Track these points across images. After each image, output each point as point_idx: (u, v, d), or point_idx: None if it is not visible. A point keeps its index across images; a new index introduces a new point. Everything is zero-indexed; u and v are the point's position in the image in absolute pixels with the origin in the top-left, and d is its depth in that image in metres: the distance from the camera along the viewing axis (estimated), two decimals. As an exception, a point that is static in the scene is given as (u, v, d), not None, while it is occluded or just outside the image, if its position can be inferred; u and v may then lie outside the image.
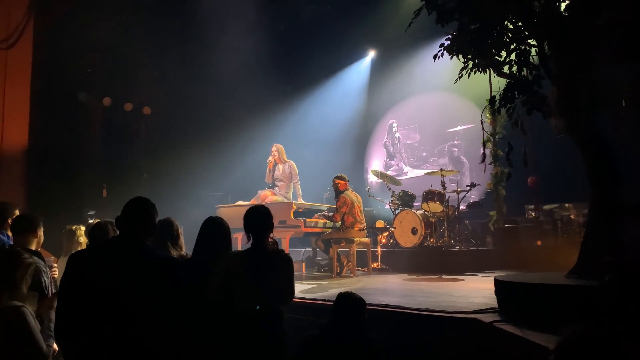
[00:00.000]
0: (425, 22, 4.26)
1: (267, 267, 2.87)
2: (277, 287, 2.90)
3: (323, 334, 2.88)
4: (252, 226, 2.99)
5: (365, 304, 2.94)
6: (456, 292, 4.89)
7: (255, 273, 2.84)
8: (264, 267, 2.87)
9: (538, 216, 8.50)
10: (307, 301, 4.44)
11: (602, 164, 3.55)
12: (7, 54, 8.05)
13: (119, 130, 10.11)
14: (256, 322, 2.79)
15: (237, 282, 2.84)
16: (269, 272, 2.87)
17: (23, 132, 8.17)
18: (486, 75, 4.43)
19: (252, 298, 2.82)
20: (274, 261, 2.91)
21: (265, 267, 2.87)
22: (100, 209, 8.31)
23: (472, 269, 6.82)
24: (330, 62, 11.94)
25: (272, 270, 2.88)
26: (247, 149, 10.52)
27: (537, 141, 7.16)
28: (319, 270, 7.75)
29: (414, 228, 7.64)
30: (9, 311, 2.48)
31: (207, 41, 9.94)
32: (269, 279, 2.85)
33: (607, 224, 3.49)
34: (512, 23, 3.93)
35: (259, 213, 3.05)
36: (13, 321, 2.47)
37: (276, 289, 2.90)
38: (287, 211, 6.96)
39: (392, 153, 12.31)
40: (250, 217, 3.03)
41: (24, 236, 3.33)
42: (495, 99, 3.93)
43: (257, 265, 2.86)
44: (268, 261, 2.90)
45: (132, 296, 2.06)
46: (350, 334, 2.80)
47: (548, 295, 3.15)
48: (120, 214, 2.26)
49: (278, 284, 2.89)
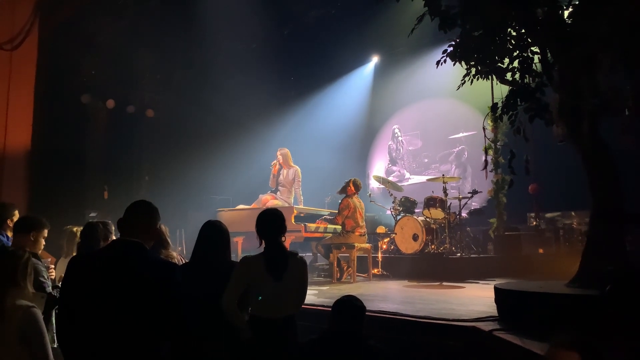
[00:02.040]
0: (428, 28, 4.27)
1: (286, 270, 2.82)
2: (296, 291, 2.88)
3: (323, 339, 2.86)
4: (267, 228, 2.94)
5: (365, 310, 2.93)
6: (456, 300, 4.87)
7: (275, 276, 2.78)
8: (283, 270, 2.81)
9: (539, 224, 8.48)
10: (306, 307, 4.41)
11: (604, 172, 3.54)
12: (12, 55, 8.08)
13: (121, 132, 10.13)
14: (275, 329, 2.76)
15: (257, 287, 2.79)
16: (289, 276, 2.82)
17: (26, 133, 8.18)
18: (489, 82, 4.44)
19: (274, 303, 2.79)
20: (292, 264, 2.86)
21: (284, 270, 2.81)
22: (101, 210, 8.33)
23: (472, 277, 6.79)
24: (333, 67, 11.95)
25: (291, 273, 2.83)
26: (249, 152, 10.54)
27: (539, 149, 7.15)
28: (319, 276, 7.73)
29: (415, 234, 7.62)
30: (20, 311, 2.46)
31: (210, 45, 9.97)
32: (289, 283, 2.81)
33: (608, 233, 3.47)
34: (515, 30, 3.93)
35: (274, 215, 3.00)
36: (24, 322, 2.45)
37: (295, 294, 2.88)
38: (288, 216, 6.94)
39: (394, 158, 12.30)
40: (265, 219, 2.98)
41: (21, 237, 3.36)
42: (497, 105, 3.93)
43: (275, 268, 2.80)
44: (286, 264, 2.84)
45: (132, 299, 2.05)
46: (350, 340, 2.78)
47: (548, 304, 3.13)
48: (122, 217, 2.26)
49: (296, 289, 2.87)
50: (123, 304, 2.05)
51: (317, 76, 12.03)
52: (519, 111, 3.83)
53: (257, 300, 2.79)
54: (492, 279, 6.49)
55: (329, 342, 2.77)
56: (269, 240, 2.92)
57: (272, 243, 2.90)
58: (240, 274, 2.82)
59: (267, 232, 2.94)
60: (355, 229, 6.92)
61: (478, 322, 3.40)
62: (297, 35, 11.05)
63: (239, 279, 2.80)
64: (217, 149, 10.24)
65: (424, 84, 10.81)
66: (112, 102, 9.75)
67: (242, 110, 11.09)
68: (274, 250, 2.89)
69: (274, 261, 2.84)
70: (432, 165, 11.51)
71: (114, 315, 2.03)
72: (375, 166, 12.65)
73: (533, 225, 8.59)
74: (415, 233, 7.62)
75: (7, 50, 8.05)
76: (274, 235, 2.91)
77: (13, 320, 2.42)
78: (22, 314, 2.45)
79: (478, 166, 10.37)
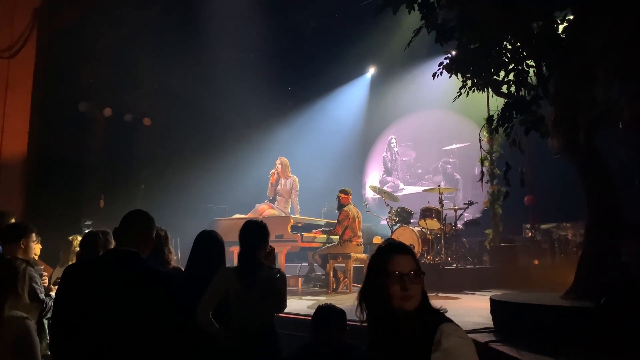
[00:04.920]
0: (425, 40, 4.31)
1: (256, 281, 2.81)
2: (269, 304, 2.85)
3: (304, 348, 2.82)
4: (243, 238, 2.95)
5: (346, 316, 2.87)
6: (452, 311, 4.80)
7: (245, 287, 2.77)
8: (252, 281, 2.80)
9: (535, 235, 8.49)
10: (301, 317, 4.41)
11: (599, 183, 3.57)
12: (9, 62, 8.08)
13: (118, 140, 10.12)
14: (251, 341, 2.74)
15: (231, 297, 2.79)
16: (260, 287, 2.80)
17: (23, 140, 8.16)
18: (485, 94, 4.48)
19: (246, 314, 2.78)
20: (264, 275, 2.85)
21: (253, 281, 2.80)
22: (97, 219, 8.28)
23: (468, 288, 6.79)
24: (331, 78, 12.00)
25: (263, 285, 2.82)
26: (247, 162, 10.53)
27: (534, 160, 7.19)
28: (315, 286, 7.71)
29: (411, 245, 7.61)
30: (16, 323, 2.45)
31: (209, 54, 10.01)
32: (260, 294, 2.79)
33: (603, 245, 3.49)
34: (511, 43, 3.98)
35: (253, 226, 3.00)
36: (19, 334, 2.44)
37: (268, 306, 2.86)
38: (285, 225, 6.94)
39: (389, 169, 12.33)
40: (244, 229, 2.98)
41: (11, 245, 3.35)
42: (493, 118, 3.96)
43: (246, 278, 2.80)
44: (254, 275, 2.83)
45: (126, 309, 2.05)
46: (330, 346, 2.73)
47: (544, 316, 3.13)
48: (118, 226, 2.26)
49: (269, 301, 2.84)
50: (118, 314, 2.04)
51: (314, 86, 12.08)
52: (515, 123, 3.86)
53: (233, 311, 2.79)
54: (488, 290, 6.50)
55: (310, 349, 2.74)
56: (243, 250, 2.91)
57: (245, 254, 2.90)
58: (215, 284, 2.81)
59: (243, 242, 2.94)
60: (353, 239, 6.93)
61: (474, 334, 3.39)
62: (295, 46, 11.14)
63: (214, 288, 2.80)
64: (214, 158, 10.24)
65: (420, 95, 10.87)
66: (109, 110, 9.74)
67: (239, 119, 11.12)
68: (246, 261, 2.88)
69: (244, 272, 2.83)
70: (425, 176, 11.55)
71: (109, 325, 2.02)
72: (370, 176, 12.67)
73: (529, 236, 8.60)
74: (411, 243, 7.61)
75: (5, 57, 8.05)
76: (249, 246, 2.91)
77: (8, 332, 2.41)
78: (17, 326, 2.43)
79: (470, 177, 10.43)
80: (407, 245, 1.78)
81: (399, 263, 1.66)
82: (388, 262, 1.66)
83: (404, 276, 1.63)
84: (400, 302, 1.63)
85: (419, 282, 1.67)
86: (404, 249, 1.73)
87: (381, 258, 1.70)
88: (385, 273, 1.64)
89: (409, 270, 1.65)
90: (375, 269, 1.70)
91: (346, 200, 7.15)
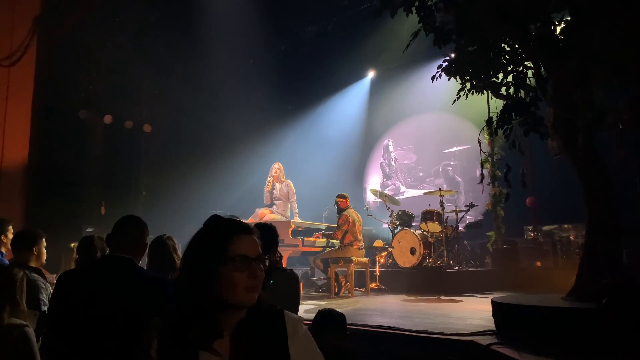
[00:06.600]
0: (423, 43, 4.32)
1: (269, 283, 2.83)
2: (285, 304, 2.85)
3: None
4: None
5: (346, 320, 2.87)
6: (454, 314, 4.85)
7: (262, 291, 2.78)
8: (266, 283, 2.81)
9: (537, 237, 8.48)
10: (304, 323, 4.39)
11: (599, 184, 3.56)
12: (10, 70, 8.12)
13: (119, 147, 10.15)
14: None
15: None
16: (272, 289, 2.82)
17: (24, 148, 8.19)
18: (484, 96, 4.48)
19: None
20: (276, 277, 2.84)
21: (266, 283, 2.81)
22: (98, 226, 8.29)
23: (470, 290, 6.77)
24: (330, 82, 12.04)
25: (275, 287, 2.81)
26: (247, 167, 10.55)
27: (535, 162, 7.17)
28: (316, 290, 7.70)
29: (412, 248, 7.61)
30: (15, 330, 2.45)
31: (208, 60, 10.05)
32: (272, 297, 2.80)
33: (604, 246, 3.48)
34: (509, 45, 3.98)
35: (263, 230, 3.00)
36: (19, 342, 2.43)
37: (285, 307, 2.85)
38: (286, 230, 6.94)
39: (388, 173, 12.32)
40: None
41: (22, 252, 3.32)
42: (492, 120, 3.96)
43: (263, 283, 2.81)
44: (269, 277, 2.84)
45: (120, 315, 2.04)
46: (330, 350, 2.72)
47: (545, 318, 3.12)
48: (111, 232, 2.27)
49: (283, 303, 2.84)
50: (112, 320, 2.04)
51: (313, 91, 12.11)
52: (514, 125, 3.86)
53: None
54: (490, 292, 6.49)
55: None
56: None
57: None
58: None
59: None
60: (354, 243, 6.92)
61: (476, 336, 3.38)
62: (294, 50, 11.17)
63: None
64: (214, 164, 10.26)
65: (419, 98, 10.88)
66: (110, 117, 9.77)
67: (239, 124, 11.13)
68: None
69: None
70: (427, 179, 11.54)
71: (102, 331, 2.02)
72: (372, 180, 12.67)
73: (531, 238, 8.59)
74: (412, 247, 7.61)
75: (5, 66, 8.09)
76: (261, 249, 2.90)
77: (8, 340, 2.41)
78: (17, 334, 2.43)
79: (471, 179, 10.42)
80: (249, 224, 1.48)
81: (245, 245, 1.38)
82: (230, 244, 1.36)
83: (252, 261, 1.37)
84: (246, 293, 1.38)
85: (264, 269, 1.42)
86: (247, 228, 1.44)
87: (218, 238, 1.37)
88: (224, 257, 1.34)
89: (256, 254, 1.39)
90: (206, 252, 1.36)
91: (345, 205, 7.14)
